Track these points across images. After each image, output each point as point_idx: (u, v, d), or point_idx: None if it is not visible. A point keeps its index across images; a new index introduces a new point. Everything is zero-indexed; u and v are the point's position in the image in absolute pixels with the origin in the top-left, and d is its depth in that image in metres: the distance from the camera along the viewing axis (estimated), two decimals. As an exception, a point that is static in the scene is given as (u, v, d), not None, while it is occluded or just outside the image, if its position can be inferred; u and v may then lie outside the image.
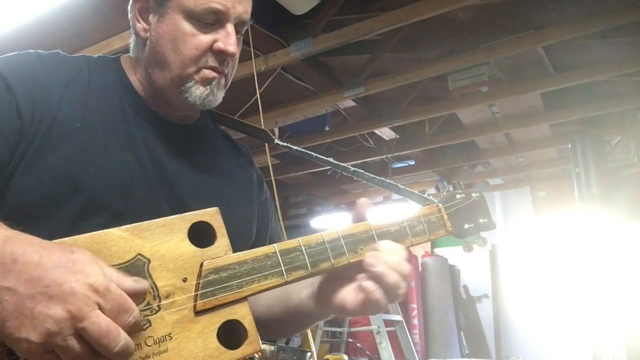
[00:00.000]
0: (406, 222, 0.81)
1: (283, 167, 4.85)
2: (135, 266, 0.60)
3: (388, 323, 4.34)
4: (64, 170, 0.76)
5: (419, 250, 6.13)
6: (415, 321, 5.46)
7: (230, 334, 0.64)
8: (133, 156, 0.83)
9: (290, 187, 5.78)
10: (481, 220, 0.92)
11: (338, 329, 4.80)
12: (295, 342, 5.20)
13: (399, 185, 0.95)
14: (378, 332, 4.12)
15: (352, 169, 1.02)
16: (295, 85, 3.48)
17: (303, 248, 0.70)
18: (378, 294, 0.72)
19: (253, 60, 2.76)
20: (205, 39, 0.84)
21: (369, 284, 0.72)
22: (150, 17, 0.87)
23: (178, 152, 0.89)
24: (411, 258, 0.76)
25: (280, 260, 0.68)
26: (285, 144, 1.06)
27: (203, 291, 0.62)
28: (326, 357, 3.36)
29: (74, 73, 0.85)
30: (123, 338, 0.53)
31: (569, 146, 3.98)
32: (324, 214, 6.30)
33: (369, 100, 3.76)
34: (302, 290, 0.83)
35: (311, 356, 2.71)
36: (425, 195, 0.90)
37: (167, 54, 0.84)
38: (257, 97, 2.72)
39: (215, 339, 0.62)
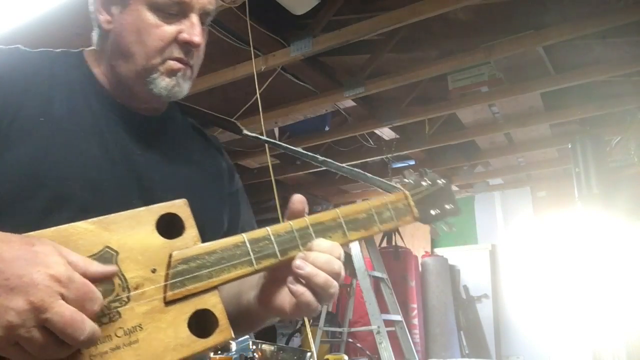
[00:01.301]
0: (374, 209, 0.81)
1: (283, 167, 4.85)
2: (104, 258, 0.60)
3: (388, 323, 4.34)
4: (28, 165, 0.76)
5: (419, 251, 6.13)
6: (415, 321, 5.46)
7: (202, 324, 0.64)
8: (101, 149, 0.82)
9: (290, 187, 5.78)
10: (447, 207, 0.94)
11: (338, 329, 4.80)
12: (295, 342, 5.20)
13: (366, 173, 0.96)
14: (378, 332, 4.11)
15: (321, 158, 1.03)
16: (295, 85, 3.48)
17: (272, 236, 0.70)
18: (307, 295, 0.70)
19: (253, 60, 2.76)
20: (169, 29, 0.84)
21: (297, 287, 0.70)
22: (113, 8, 0.86)
23: (147, 144, 0.89)
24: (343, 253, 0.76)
25: (250, 249, 0.68)
26: (253, 134, 1.06)
27: (172, 281, 0.62)
28: (326, 357, 3.36)
29: (36, 68, 0.84)
30: (88, 326, 0.52)
31: (569, 146, 3.98)
32: (324, 214, 6.30)
33: (369, 100, 3.76)
34: (250, 292, 0.82)
35: (311, 356, 2.71)
36: (392, 184, 0.91)
37: (131, 45, 0.84)
38: (257, 97, 2.72)
39: (186, 328, 0.62)
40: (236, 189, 1.04)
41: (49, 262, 0.53)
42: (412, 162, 5.13)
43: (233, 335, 0.65)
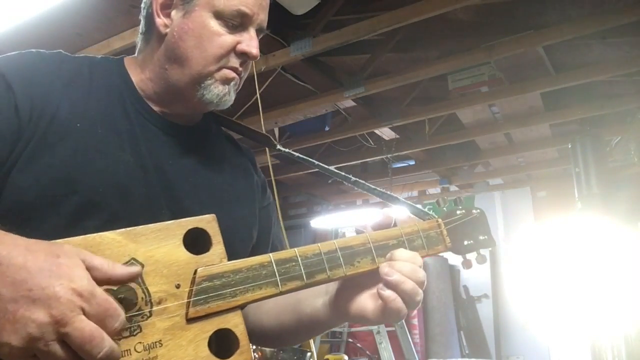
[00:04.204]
0: (405, 236, 0.80)
1: (283, 167, 4.85)
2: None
3: (388, 323, 4.34)
4: (61, 170, 0.76)
5: (419, 250, 6.13)
6: (415, 321, 5.46)
7: (223, 343, 0.63)
8: (134, 157, 0.83)
9: (290, 187, 5.78)
10: (481, 237, 0.92)
11: (338, 329, 4.80)
12: (295, 342, 5.20)
13: (399, 197, 0.94)
14: (378, 332, 4.11)
15: (353, 179, 1.02)
16: (295, 85, 3.48)
17: (299, 258, 0.70)
18: (398, 302, 0.73)
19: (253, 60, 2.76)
20: (229, 39, 0.85)
21: (389, 293, 0.73)
22: (173, 13, 0.87)
23: (180, 154, 0.89)
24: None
25: (276, 270, 0.67)
26: (287, 150, 1.05)
27: (196, 298, 0.62)
28: (326, 357, 3.36)
29: (75, 73, 0.85)
30: (107, 344, 0.52)
31: (569, 146, 3.97)
32: (323, 214, 6.30)
33: (369, 100, 3.76)
34: (316, 299, 0.83)
35: (311, 356, 2.71)
36: (426, 210, 0.89)
37: (189, 50, 0.84)
38: (257, 97, 2.72)
39: (206, 348, 0.61)
40: (268, 203, 1.05)
41: (72, 275, 0.53)
42: (412, 162, 5.13)
43: (252, 357, 0.65)
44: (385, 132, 4.24)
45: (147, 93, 0.89)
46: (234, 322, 0.64)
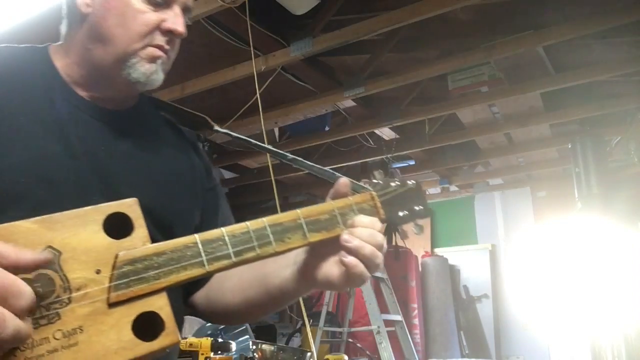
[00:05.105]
0: (337, 210, 0.79)
1: (283, 167, 4.85)
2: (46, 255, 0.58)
3: (388, 323, 4.34)
4: None
5: (419, 251, 6.13)
6: (416, 321, 5.46)
7: (149, 327, 0.62)
8: (62, 145, 0.81)
9: (290, 187, 5.78)
10: (416, 208, 0.91)
11: (338, 329, 4.80)
12: (295, 342, 5.20)
13: (334, 172, 0.95)
14: (378, 332, 4.11)
15: (291, 156, 1.03)
16: (295, 85, 3.48)
17: (227, 237, 0.68)
18: (360, 267, 0.75)
19: (253, 60, 2.76)
20: (154, 16, 0.84)
21: (350, 259, 0.75)
22: None
23: (114, 139, 0.87)
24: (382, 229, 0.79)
25: (202, 250, 0.66)
26: (224, 130, 1.04)
27: (117, 283, 0.60)
28: (326, 357, 3.35)
29: None
30: (11, 324, 0.49)
31: (569, 146, 3.98)
32: (324, 214, 6.30)
33: (369, 100, 3.76)
34: (284, 270, 0.84)
35: (311, 356, 2.71)
36: (361, 184, 0.89)
37: (112, 28, 0.83)
38: (257, 97, 2.72)
39: (130, 331, 0.59)
40: (213, 185, 1.04)
41: None
42: (412, 162, 5.13)
43: (180, 339, 0.63)
44: (385, 132, 4.24)
45: (73, 78, 0.88)
46: (159, 305, 0.62)
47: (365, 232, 0.76)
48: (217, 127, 1.02)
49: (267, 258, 0.73)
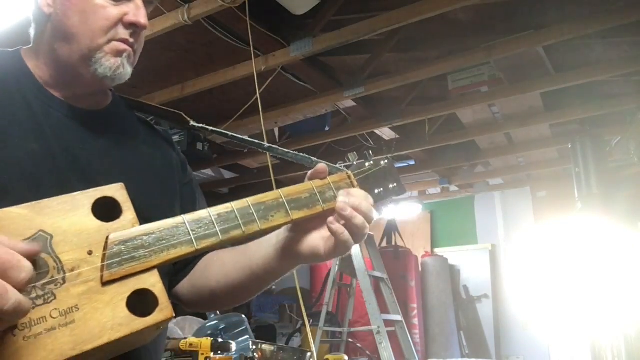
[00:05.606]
0: (316, 189, 0.84)
1: (283, 167, 4.85)
2: (38, 242, 0.59)
3: (388, 323, 4.34)
4: None
5: (419, 250, 6.13)
6: (415, 321, 5.46)
7: (143, 304, 0.63)
8: (40, 145, 0.82)
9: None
10: (391, 186, 0.98)
11: (338, 329, 4.80)
12: (295, 342, 5.20)
13: (311, 157, 0.98)
14: (378, 332, 4.11)
15: (267, 145, 1.06)
16: (295, 85, 3.48)
17: (212, 217, 0.71)
18: (346, 234, 0.79)
19: (253, 60, 2.76)
20: (115, 10, 0.84)
21: (337, 226, 0.79)
22: None
23: (91, 138, 0.88)
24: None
25: (189, 229, 0.68)
26: (200, 125, 1.06)
27: (110, 262, 0.62)
28: (326, 357, 3.36)
29: None
30: (13, 296, 0.51)
31: (569, 146, 3.97)
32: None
33: (369, 100, 3.76)
34: (268, 249, 0.87)
35: (311, 356, 2.71)
36: (337, 166, 0.94)
37: (75, 25, 0.83)
38: (257, 97, 2.72)
39: (125, 308, 0.61)
40: (190, 179, 1.06)
41: None
42: (412, 162, 5.13)
43: (173, 314, 0.65)
44: (385, 132, 4.24)
45: (44, 79, 0.88)
46: (151, 282, 0.64)
47: (357, 202, 0.80)
48: (193, 123, 1.04)
49: (252, 236, 0.76)
